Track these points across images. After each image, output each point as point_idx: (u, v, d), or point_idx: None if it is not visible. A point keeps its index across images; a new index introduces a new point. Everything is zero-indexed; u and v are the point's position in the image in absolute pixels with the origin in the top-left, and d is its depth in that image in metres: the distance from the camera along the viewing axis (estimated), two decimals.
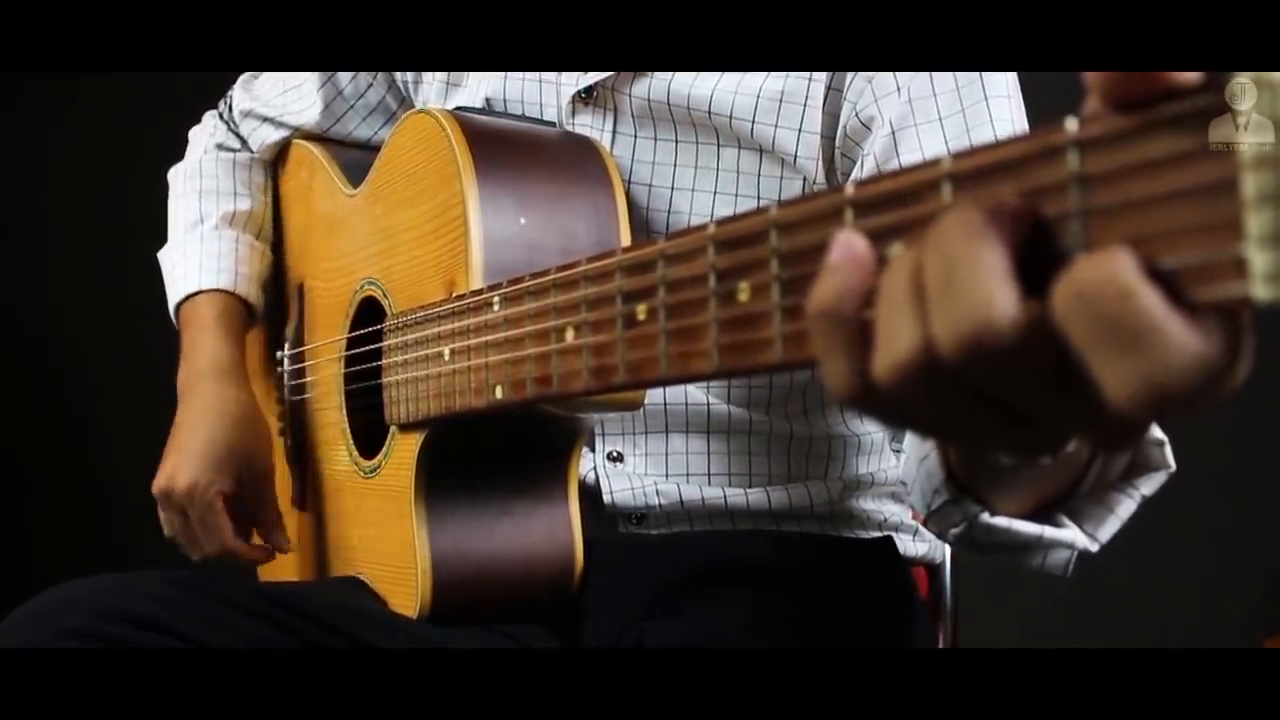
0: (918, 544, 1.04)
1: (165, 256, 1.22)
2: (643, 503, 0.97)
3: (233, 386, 1.12)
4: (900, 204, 0.44)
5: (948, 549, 1.13)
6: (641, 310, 0.58)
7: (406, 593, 0.91)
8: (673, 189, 0.95)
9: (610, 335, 0.61)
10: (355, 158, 1.13)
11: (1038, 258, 0.39)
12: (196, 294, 1.16)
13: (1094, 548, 0.68)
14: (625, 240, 0.89)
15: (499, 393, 0.75)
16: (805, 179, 0.92)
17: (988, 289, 0.38)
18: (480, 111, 0.98)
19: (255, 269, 1.20)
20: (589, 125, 0.97)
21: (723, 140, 0.94)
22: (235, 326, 1.16)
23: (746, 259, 0.51)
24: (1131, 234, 0.36)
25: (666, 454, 0.98)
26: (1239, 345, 0.36)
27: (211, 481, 1.06)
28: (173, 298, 1.18)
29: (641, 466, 0.98)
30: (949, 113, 0.86)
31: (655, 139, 0.95)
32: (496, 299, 0.74)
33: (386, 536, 0.95)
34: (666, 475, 0.98)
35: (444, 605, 0.89)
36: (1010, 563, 0.69)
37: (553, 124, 0.98)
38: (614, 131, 0.96)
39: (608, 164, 0.92)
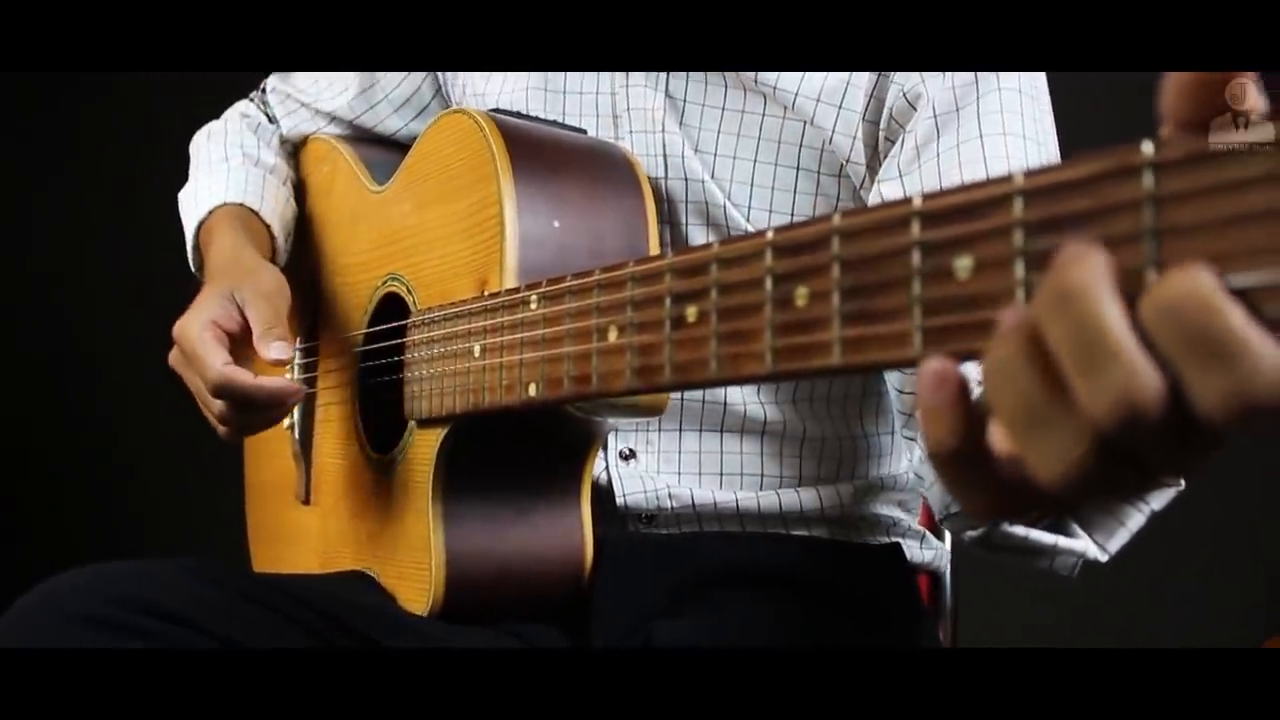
0: (924, 551, 1.06)
1: (184, 193, 1.17)
2: (654, 505, 0.98)
3: (247, 260, 1.03)
4: (968, 217, 0.45)
5: (948, 555, 1.14)
6: (692, 312, 0.59)
7: (417, 589, 0.91)
8: (715, 155, 0.97)
9: (657, 336, 0.62)
10: (378, 155, 1.14)
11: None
12: (219, 208, 1.11)
13: (1103, 558, 0.70)
14: (654, 248, 0.91)
15: (532, 390, 0.76)
16: (841, 157, 0.94)
17: (1131, 360, 0.38)
18: (514, 115, 0.99)
19: (279, 207, 1.15)
20: (642, 85, 0.98)
21: (768, 109, 0.95)
22: (257, 239, 1.09)
23: (806, 264, 0.52)
24: (1206, 253, 0.38)
25: (679, 452, 0.99)
26: None
27: (201, 313, 0.96)
28: (191, 225, 1.13)
29: (654, 465, 0.99)
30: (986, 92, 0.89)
31: (704, 106, 0.97)
32: (534, 297, 0.75)
33: (398, 532, 0.95)
34: (679, 476, 0.99)
35: (455, 602, 0.89)
36: (1019, 563, 0.72)
37: (584, 130, 1.00)
38: (666, 93, 0.98)
39: (638, 173, 0.93)
